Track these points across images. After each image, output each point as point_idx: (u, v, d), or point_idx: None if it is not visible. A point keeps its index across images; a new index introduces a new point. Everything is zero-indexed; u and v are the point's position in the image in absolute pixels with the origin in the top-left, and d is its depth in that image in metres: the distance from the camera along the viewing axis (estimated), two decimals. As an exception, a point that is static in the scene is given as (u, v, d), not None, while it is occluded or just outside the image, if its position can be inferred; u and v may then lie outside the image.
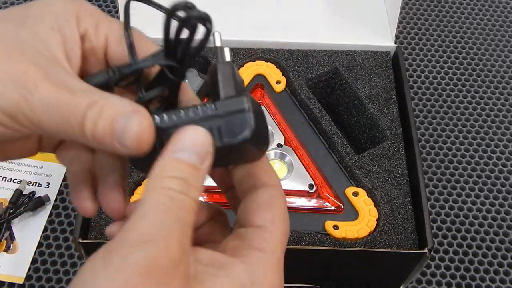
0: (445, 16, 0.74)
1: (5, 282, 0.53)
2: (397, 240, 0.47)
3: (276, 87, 0.56)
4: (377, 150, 0.52)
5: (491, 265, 0.55)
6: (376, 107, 0.55)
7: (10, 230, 0.55)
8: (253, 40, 0.59)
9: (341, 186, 0.50)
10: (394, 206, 0.49)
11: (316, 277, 0.52)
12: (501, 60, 0.70)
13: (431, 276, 0.54)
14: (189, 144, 0.24)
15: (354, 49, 0.59)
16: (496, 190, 0.60)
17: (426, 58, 0.70)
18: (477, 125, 0.64)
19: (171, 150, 0.24)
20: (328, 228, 0.47)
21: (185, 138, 0.24)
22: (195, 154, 0.24)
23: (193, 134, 0.24)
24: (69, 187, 0.30)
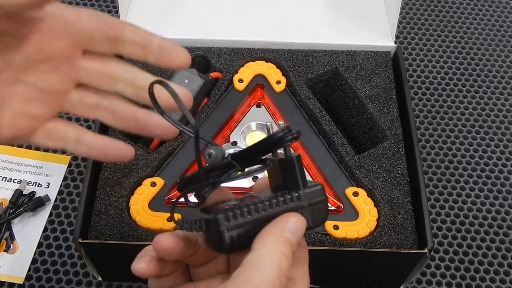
0: (445, 16, 0.74)
1: (5, 282, 0.53)
2: (397, 240, 0.47)
3: (276, 87, 0.56)
4: (377, 150, 0.52)
5: (491, 265, 0.55)
6: (376, 107, 0.55)
7: (10, 230, 0.55)
8: (253, 40, 0.59)
9: (341, 186, 0.50)
10: (394, 206, 0.49)
11: (316, 277, 0.52)
12: (501, 60, 0.70)
13: (431, 276, 0.54)
14: (296, 229, 0.29)
15: (354, 49, 0.59)
16: (496, 190, 0.60)
17: (426, 58, 0.70)
18: (477, 125, 0.64)
19: (281, 227, 0.28)
20: (328, 228, 0.47)
21: (294, 223, 0.29)
22: (296, 238, 0.29)
23: (300, 222, 0.29)
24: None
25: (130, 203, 0.48)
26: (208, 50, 0.58)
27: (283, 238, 0.28)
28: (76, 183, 0.59)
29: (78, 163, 0.60)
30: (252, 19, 0.61)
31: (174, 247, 0.30)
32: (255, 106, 0.56)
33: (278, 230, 0.28)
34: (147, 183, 0.49)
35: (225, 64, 0.57)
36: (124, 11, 0.60)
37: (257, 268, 0.26)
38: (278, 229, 0.28)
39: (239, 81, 0.56)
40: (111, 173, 0.50)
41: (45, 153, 0.60)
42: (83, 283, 0.53)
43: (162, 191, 0.49)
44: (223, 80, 0.56)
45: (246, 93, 0.56)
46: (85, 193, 0.47)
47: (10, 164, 0.59)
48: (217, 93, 0.55)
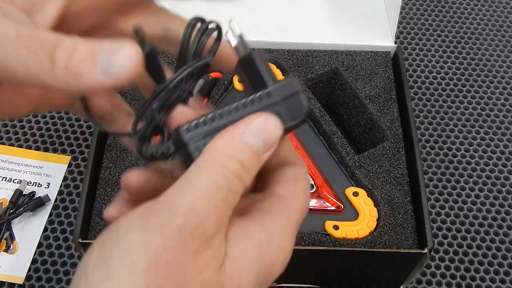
0: (445, 16, 0.74)
1: (5, 282, 0.53)
2: (397, 240, 0.47)
3: (276, 87, 0.56)
4: (377, 150, 0.52)
5: (491, 265, 0.55)
6: (376, 107, 0.55)
7: (10, 230, 0.55)
8: (253, 40, 0.59)
9: (341, 186, 0.50)
10: (394, 206, 0.49)
11: (316, 277, 0.52)
12: (501, 60, 0.70)
13: (431, 276, 0.54)
14: (260, 131, 0.24)
15: (354, 49, 0.59)
16: (496, 190, 0.60)
17: (426, 58, 0.70)
18: (477, 125, 0.64)
19: (240, 130, 0.24)
20: (328, 228, 0.47)
21: (257, 123, 0.24)
22: (262, 143, 0.24)
23: (265, 122, 0.24)
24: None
25: (130, 203, 0.48)
26: (208, 50, 0.58)
27: (239, 141, 0.23)
28: (76, 183, 0.59)
29: (78, 163, 0.60)
30: (252, 19, 0.61)
31: (145, 182, 0.26)
32: (255, 106, 0.56)
33: (234, 133, 0.23)
34: (147, 183, 0.49)
35: (225, 64, 0.57)
36: (124, 11, 0.59)
37: (196, 169, 0.22)
38: (234, 131, 0.23)
39: (239, 81, 0.56)
40: (111, 173, 0.50)
41: (45, 153, 0.60)
42: (83, 283, 0.53)
43: (162, 191, 0.49)
44: (223, 80, 0.56)
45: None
46: (85, 193, 0.47)
47: (10, 164, 0.59)
48: (217, 93, 0.55)
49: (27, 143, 0.61)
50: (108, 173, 0.50)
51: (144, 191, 0.26)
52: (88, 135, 0.61)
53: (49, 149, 0.61)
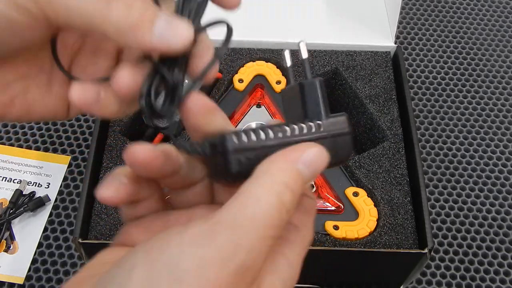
0: (445, 16, 0.74)
1: (5, 282, 0.53)
2: (397, 240, 0.47)
3: (276, 87, 0.56)
4: (377, 150, 0.52)
5: (491, 265, 0.55)
6: (376, 107, 0.55)
7: (10, 230, 0.55)
8: (253, 40, 0.59)
9: (341, 186, 0.50)
10: (394, 206, 0.49)
11: (316, 277, 0.52)
12: (501, 60, 0.70)
13: (431, 276, 0.54)
14: (312, 162, 0.24)
15: (354, 49, 0.59)
16: (496, 190, 0.60)
17: (426, 58, 0.70)
18: (477, 125, 0.64)
19: (295, 158, 0.24)
20: (328, 228, 0.47)
21: (311, 154, 0.24)
22: (311, 174, 0.24)
23: (318, 154, 0.24)
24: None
25: (130, 203, 0.48)
26: (208, 50, 0.58)
27: (293, 169, 0.23)
28: (76, 183, 0.59)
29: (78, 163, 0.60)
30: (252, 19, 0.61)
31: (153, 161, 0.25)
32: (255, 106, 0.56)
33: (289, 159, 0.23)
34: (147, 183, 0.49)
35: (225, 64, 0.57)
36: (124, 11, 0.59)
37: (254, 196, 0.22)
38: (289, 157, 0.24)
39: (239, 81, 0.56)
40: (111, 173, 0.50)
41: (45, 153, 0.60)
42: (83, 283, 0.53)
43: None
44: (223, 80, 0.56)
45: (246, 93, 0.56)
46: (85, 193, 0.47)
47: (10, 164, 0.59)
48: (217, 93, 0.55)
49: (27, 143, 0.61)
50: (108, 173, 0.50)
51: (148, 171, 0.25)
52: (88, 135, 0.61)
53: (49, 149, 0.61)
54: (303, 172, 0.24)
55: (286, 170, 0.23)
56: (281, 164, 0.23)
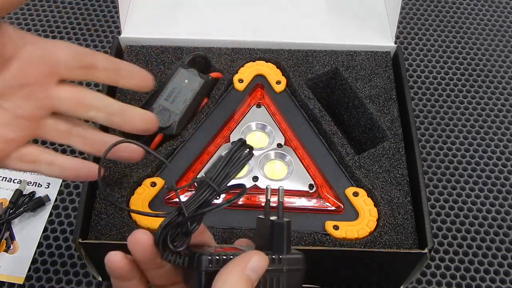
0: (445, 16, 0.74)
1: (5, 282, 0.53)
2: (397, 240, 0.47)
3: (276, 87, 0.56)
4: (377, 150, 0.52)
5: (491, 265, 0.55)
6: (376, 107, 0.55)
7: (10, 230, 0.55)
8: (253, 40, 0.59)
9: (341, 186, 0.50)
10: (394, 206, 0.49)
11: (316, 277, 0.52)
12: (501, 60, 0.70)
13: (431, 276, 0.54)
14: (257, 267, 0.30)
15: (354, 49, 0.59)
16: (496, 190, 0.60)
17: (426, 58, 0.70)
18: (477, 125, 0.64)
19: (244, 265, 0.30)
20: (328, 228, 0.47)
21: (258, 261, 0.30)
22: (257, 276, 0.30)
23: (262, 261, 0.31)
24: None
25: (130, 203, 0.48)
26: (208, 50, 0.58)
27: (244, 276, 0.29)
28: (76, 183, 0.59)
29: (78, 163, 0.60)
30: (252, 19, 0.61)
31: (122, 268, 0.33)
32: (255, 106, 0.56)
33: (240, 268, 0.30)
34: (147, 183, 0.49)
35: (225, 64, 0.57)
36: (124, 11, 0.60)
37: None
38: (240, 265, 0.30)
39: (239, 81, 0.56)
40: (111, 173, 0.50)
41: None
42: (83, 283, 0.53)
43: (162, 191, 0.49)
44: (223, 80, 0.56)
45: (246, 93, 0.56)
46: (85, 193, 0.47)
47: (10, 164, 0.59)
48: (217, 93, 0.55)
49: (27, 143, 0.61)
50: (108, 173, 0.50)
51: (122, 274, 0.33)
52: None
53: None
54: (251, 276, 0.30)
55: (239, 278, 0.29)
56: (235, 272, 0.29)
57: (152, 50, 0.58)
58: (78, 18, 0.72)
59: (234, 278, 0.29)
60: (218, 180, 0.32)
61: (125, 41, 0.59)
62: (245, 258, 0.30)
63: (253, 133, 0.54)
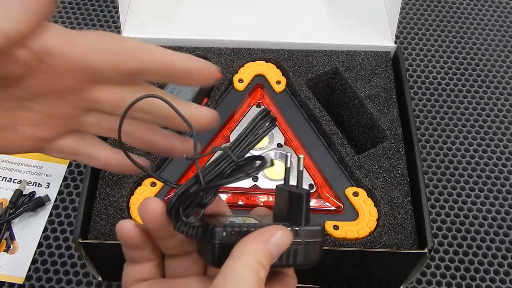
0: (445, 16, 0.74)
1: (5, 282, 0.53)
2: (397, 240, 0.47)
3: (276, 87, 0.56)
4: (377, 150, 0.52)
5: (491, 265, 0.55)
6: (376, 107, 0.55)
7: (10, 230, 0.55)
8: (253, 40, 0.59)
9: (341, 186, 0.50)
10: (394, 206, 0.49)
11: (316, 277, 0.52)
12: (501, 60, 0.70)
13: (431, 276, 0.54)
14: (279, 243, 0.29)
15: (354, 49, 0.59)
16: (496, 190, 0.60)
17: (426, 58, 0.70)
18: (477, 125, 0.64)
19: (266, 238, 0.28)
20: (328, 228, 0.47)
21: (282, 237, 0.29)
22: (278, 252, 0.29)
23: (286, 236, 0.29)
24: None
25: (130, 203, 0.48)
26: (208, 50, 0.58)
27: (265, 249, 0.28)
28: (76, 183, 0.59)
29: (78, 163, 0.60)
30: (252, 19, 0.61)
31: (133, 236, 0.31)
32: (255, 106, 0.56)
33: (261, 240, 0.28)
34: (147, 183, 0.49)
35: (225, 64, 0.57)
36: (124, 11, 0.60)
37: (239, 275, 0.27)
38: (262, 239, 0.28)
39: (239, 81, 0.56)
40: (111, 173, 0.50)
41: (45, 153, 0.60)
42: (83, 283, 0.53)
43: (162, 191, 0.49)
44: (223, 80, 0.56)
45: (246, 93, 0.56)
46: (85, 193, 0.47)
47: (10, 164, 0.59)
48: (217, 93, 0.55)
49: (27, 143, 0.61)
50: (108, 173, 0.50)
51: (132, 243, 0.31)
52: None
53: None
54: (272, 251, 0.28)
55: (259, 250, 0.28)
56: (256, 245, 0.28)
57: (152, 50, 0.58)
58: (78, 18, 0.72)
59: (254, 250, 0.28)
60: (238, 151, 0.30)
61: (125, 41, 0.59)
62: (268, 232, 0.29)
63: (253, 133, 0.54)
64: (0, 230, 0.54)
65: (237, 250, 0.28)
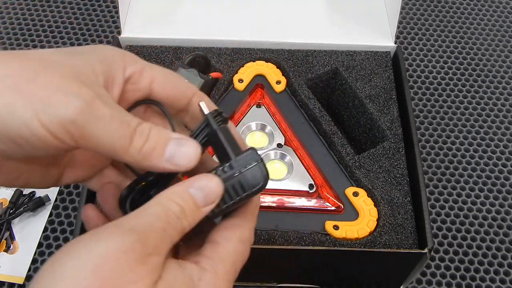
0: (445, 16, 0.74)
1: (5, 282, 0.53)
2: (397, 240, 0.47)
3: (276, 87, 0.56)
4: (377, 150, 0.52)
5: (491, 265, 0.55)
6: (376, 107, 0.55)
7: (10, 230, 0.55)
8: (253, 40, 0.59)
9: (341, 186, 0.50)
10: (394, 206, 0.49)
11: (316, 277, 0.52)
12: (501, 60, 0.70)
13: (431, 276, 0.54)
14: (202, 186, 0.28)
15: (354, 49, 0.59)
16: (496, 190, 0.60)
17: (426, 58, 0.70)
18: (477, 125, 0.64)
19: (188, 183, 0.28)
20: (328, 228, 0.47)
21: (202, 181, 0.28)
22: (203, 197, 0.28)
23: (209, 180, 0.28)
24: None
25: (130, 203, 0.48)
26: (208, 50, 0.58)
27: (183, 190, 0.28)
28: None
29: (78, 163, 0.60)
30: (252, 19, 0.61)
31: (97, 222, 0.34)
32: (255, 106, 0.56)
33: (182, 185, 0.28)
34: (147, 183, 0.49)
35: (225, 64, 0.57)
36: (124, 11, 0.60)
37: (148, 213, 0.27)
38: (183, 184, 0.28)
39: (239, 81, 0.56)
40: (111, 173, 0.50)
41: (45, 153, 0.60)
42: (83, 283, 0.53)
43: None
44: (223, 80, 0.56)
45: (246, 93, 0.56)
46: (85, 193, 0.47)
47: (10, 164, 0.59)
48: (217, 93, 0.55)
49: (27, 143, 0.61)
50: (108, 173, 0.50)
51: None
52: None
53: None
54: (194, 194, 0.28)
55: (176, 192, 0.28)
56: (175, 187, 0.28)
57: (152, 50, 0.58)
58: (78, 18, 0.72)
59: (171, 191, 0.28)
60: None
61: (125, 41, 0.59)
62: (193, 179, 0.28)
63: (253, 133, 0.54)
64: (0, 230, 0.54)
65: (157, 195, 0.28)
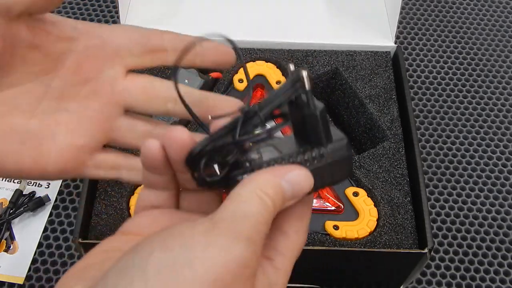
0: (445, 16, 0.74)
1: (5, 282, 0.53)
2: (397, 240, 0.47)
3: (276, 87, 0.56)
4: (377, 150, 0.52)
5: (491, 265, 0.55)
6: (376, 107, 0.55)
7: (10, 230, 0.55)
8: (253, 40, 0.59)
9: (341, 186, 0.50)
10: (394, 206, 0.49)
11: (316, 277, 0.52)
12: (501, 60, 0.70)
13: (431, 276, 0.54)
14: (295, 182, 0.26)
15: (354, 49, 0.59)
16: (496, 190, 0.60)
17: (426, 58, 0.70)
18: (477, 125, 0.64)
19: (279, 173, 0.26)
20: (328, 228, 0.47)
21: (297, 176, 0.26)
22: (293, 192, 0.26)
23: (300, 175, 0.27)
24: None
25: (130, 203, 0.48)
26: (208, 50, 0.58)
27: (276, 182, 0.26)
28: (76, 183, 0.59)
29: (78, 163, 0.60)
30: (252, 19, 0.61)
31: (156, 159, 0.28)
32: (255, 106, 0.56)
33: (274, 174, 0.26)
34: (147, 183, 0.49)
35: (225, 64, 0.57)
36: (124, 11, 0.60)
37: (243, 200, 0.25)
38: (275, 173, 0.26)
39: (239, 81, 0.56)
40: (111, 173, 0.50)
41: (45, 153, 0.60)
42: (83, 283, 0.53)
43: (162, 191, 0.49)
44: (223, 80, 0.56)
45: (246, 93, 0.56)
46: (85, 193, 0.47)
47: (10, 164, 0.59)
48: (217, 93, 0.55)
49: (27, 143, 0.61)
50: (108, 173, 0.50)
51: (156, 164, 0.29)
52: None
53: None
54: (285, 188, 0.26)
55: (269, 181, 0.26)
56: (266, 176, 0.26)
57: (152, 50, 0.58)
58: (78, 18, 0.72)
59: (263, 179, 0.26)
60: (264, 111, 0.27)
61: (125, 41, 0.59)
62: (284, 169, 0.26)
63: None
64: (0, 230, 0.54)
65: (246, 180, 0.26)
